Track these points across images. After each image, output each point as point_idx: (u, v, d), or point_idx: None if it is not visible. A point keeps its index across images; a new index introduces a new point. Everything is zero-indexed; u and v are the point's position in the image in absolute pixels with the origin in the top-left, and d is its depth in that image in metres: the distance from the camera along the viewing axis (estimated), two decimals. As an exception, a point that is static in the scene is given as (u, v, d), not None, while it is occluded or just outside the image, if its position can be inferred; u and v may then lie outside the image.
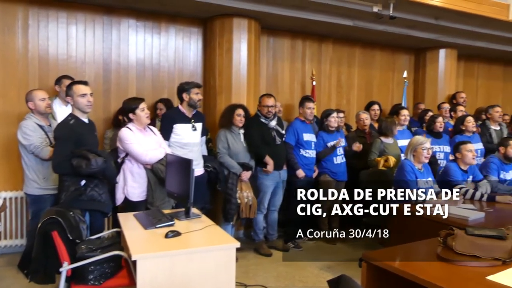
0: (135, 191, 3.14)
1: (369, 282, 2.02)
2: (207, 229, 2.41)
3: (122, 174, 3.16)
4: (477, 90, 7.37)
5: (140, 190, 3.16)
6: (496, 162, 3.97)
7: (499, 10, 5.20)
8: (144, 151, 3.09)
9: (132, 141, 3.09)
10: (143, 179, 3.16)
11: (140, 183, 3.15)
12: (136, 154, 3.09)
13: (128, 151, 3.12)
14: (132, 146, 3.09)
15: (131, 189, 3.13)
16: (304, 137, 4.30)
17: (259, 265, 3.92)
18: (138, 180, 3.15)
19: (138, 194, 3.15)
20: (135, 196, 3.14)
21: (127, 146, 3.10)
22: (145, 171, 3.15)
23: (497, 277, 1.74)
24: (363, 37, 5.75)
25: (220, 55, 4.66)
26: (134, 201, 3.13)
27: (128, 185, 3.13)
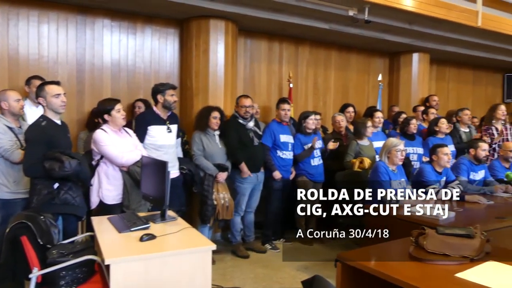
0: (110, 194, 3.08)
1: (344, 282, 2.05)
2: (183, 232, 2.39)
3: (97, 177, 3.10)
4: (448, 93, 7.59)
5: (116, 193, 3.10)
6: (466, 163, 4.10)
7: (468, 17, 5.38)
8: (120, 153, 3.04)
9: (107, 143, 3.04)
10: (119, 182, 3.10)
11: (116, 185, 3.10)
12: (112, 156, 3.03)
13: (103, 153, 3.06)
14: (107, 148, 3.03)
15: (107, 192, 3.08)
16: (281, 138, 4.33)
17: (236, 267, 3.91)
18: (114, 182, 3.10)
19: (113, 197, 3.10)
20: (110, 199, 3.08)
21: (102, 148, 3.04)
22: (121, 173, 3.10)
23: (465, 274, 1.79)
24: (339, 40, 5.83)
25: (196, 56, 4.64)
26: (110, 204, 3.07)
27: (103, 188, 3.07)
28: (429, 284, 1.70)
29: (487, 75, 8.17)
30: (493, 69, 8.18)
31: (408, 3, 4.79)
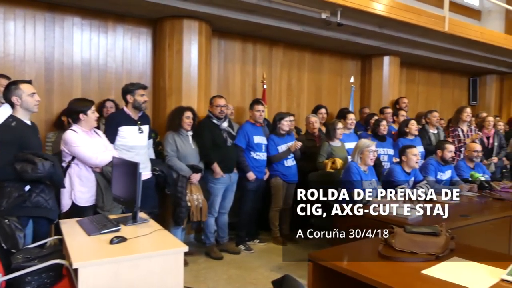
0: (83, 196, 3.03)
1: (315, 281, 2.08)
2: (154, 234, 2.36)
3: (68, 179, 3.02)
4: (418, 95, 7.81)
5: (89, 194, 3.05)
6: (434, 163, 4.23)
7: (436, 22, 5.57)
8: (94, 154, 3.00)
9: (79, 144, 2.98)
10: (92, 183, 3.05)
11: (89, 187, 3.05)
12: (85, 158, 2.98)
13: (76, 154, 3.00)
14: (80, 149, 2.98)
15: (80, 194, 3.02)
16: (255, 139, 4.34)
17: (210, 269, 3.89)
18: (87, 184, 3.04)
19: (86, 199, 3.04)
20: (84, 201, 3.03)
21: (75, 149, 2.98)
22: (94, 174, 3.05)
23: (430, 271, 1.85)
24: (312, 42, 5.90)
25: (170, 56, 4.59)
26: (83, 206, 3.02)
27: (76, 190, 3.01)
28: (396, 281, 1.74)
29: (454, 79, 8.46)
30: (459, 73, 8.47)
31: (378, 7, 4.91)
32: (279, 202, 4.59)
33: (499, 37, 6.88)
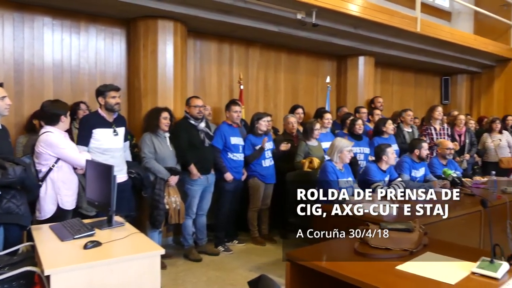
0: (69, 199, 3.02)
1: (293, 280, 2.09)
2: (130, 237, 2.32)
3: (51, 184, 2.96)
4: (392, 95, 7.97)
5: (73, 197, 3.07)
6: (408, 161, 4.31)
7: (409, 23, 5.70)
8: (80, 155, 3.00)
9: (65, 145, 2.96)
10: (75, 185, 3.07)
11: (73, 189, 3.06)
12: (72, 159, 2.97)
13: (62, 156, 2.96)
14: (67, 151, 2.96)
15: (66, 198, 2.99)
16: (232, 140, 4.33)
17: (188, 271, 3.86)
18: (71, 187, 3.04)
19: (71, 202, 3.05)
20: (69, 204, 3.02)
21: (62, 151, 2.95)
22: (77, 176, 3.06)
23: (405, 266, 1.89)
24: (288, 43, 5.94)
25: (144, 57, 4.53)
26: (68, 210, 3.01)
27: (62, 194, 2.98)
28: (371, 277, 1.77)
29: (427, 78, 8.68)
30: (432, 73, 8.69)
31: (353, 8, 4.98)
32: (257, 202, 4.59)
33: (469, 37, 7.11)
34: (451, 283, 1.72)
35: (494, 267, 1.78)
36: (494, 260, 1.82)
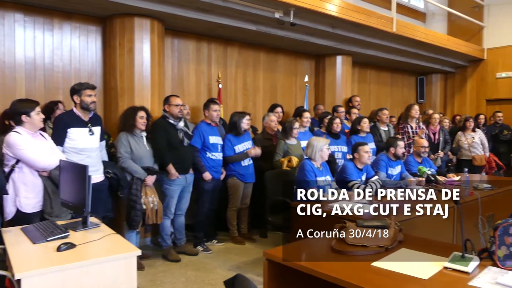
0: (29, 202, 2.86)
1: (271, 278, 2.09)
2: (106, 239, 2.28)
3: (12, 185, 2.85)
4: (369, 94, 8.09)
5: (36, 200, 2.89)
6: (385, 159, 4.39)
7: (385, 23, 5.79)
8: (40, 157, 2.85)
9: (24, 146, 2.82)
10: (39, 188, 2.90)
11: (36, 192, 2.89)
12: (31, 161, 2.83)
13: (20, 157, 2.83)
14: (25, 151, 2.82)
15: (25, 200, 2.85)
16: (210, 139, 4.30)
17: (167, 272, 3.82)
18: (33, 189, 2.88)
19: (33, 205, 2.88)
20: (30, 208, 2.86)
21: (20, 152, 2.82)
22: (41, 179, 2.90)
23: (380, 263, 1.92)
24: (267, 42, 5.95)
25: (121, 55, 4.45)
26: (29, 213, 2.86)
27: (21, 196, 2.84)
28: (348, 274, 1.79)
29: (403, 78, 8.85)
30: (408, 72, 8.87)
31: (331, 8, 5.03)
32: (237, 202, 4.59)
33: (442, 38, 7.28)
34: (424, 278, 1.76)
35: (465, 262, 1.84)
36: (465, 255, 1.87)
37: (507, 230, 1.88)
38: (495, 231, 1.90)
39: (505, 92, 8.24)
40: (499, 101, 8.31)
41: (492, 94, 8.43)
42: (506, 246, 1.86)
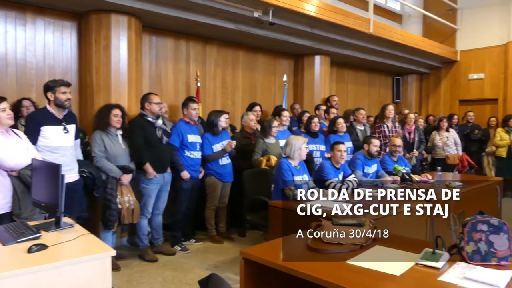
0: None
1: (247, 277, 2.09)
2: (80, 239, 2.23)
3: None
4: (347, 94, 8.20)
5: (4, 201, 2.79)
6: (361, 158, 4.45)
7: (362, 24, 5.88)
8: (9, 155, 2.75)
9: None
10: (7, 188, 2.80)
11: (4, 192, 2.79)
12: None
13: None
14: None
15: None
16: (189, 138, 4.27)
17: (144, 272, 3.78)
18: (1, 190, 2.78)
19: (1, 206, 2.78)
20: None
21: None
22: (10, 179, 2.80)
23: (355, 260, 1.95)
24: (246, 41, 5.95)
25: (97, 52, 4.37)
26: (0, 214, 2.76)
27: None
28: (323, 272, 1.81)
29: (380, 78, 9.00)
30: (384, 73, 9.03)
31: (309, 8, 5.07)
32: (215, 201, 4.57)
33: (418, 39, 7.45)
34: (396, 274, 1.80)
35: (435, 258, 1.89)
36: (436, 251, 1.93)
37: (475, 227, 1.94)
38: (464, 227, 1.96)
39: (476, 93, 8.50)
40: (471, 101, 8.56)
41: (465, 95, 8.68)
42: (474, 242, 1.92)
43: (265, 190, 3.88)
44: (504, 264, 1.89)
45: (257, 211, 3.96)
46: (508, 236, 1.92)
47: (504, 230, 1.92)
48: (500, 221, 1.94)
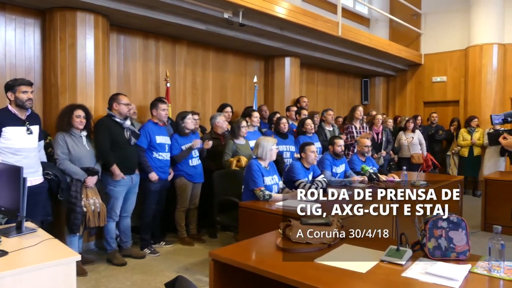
0: None
1: (216, 278, 2.09)
2: (43, 244, 2.16)
3: None
4: (317, 95, 8.32)
5: None
6: (329, 158, 4.53)
7: (331, 27, 5.98)
8: None
9: None
10: None
11: None
12: None
13: None
14: None
15: None
16: (157, 139, 4.21)
17: (112, 277, 3.69)
18: None
19: None
20: None
21: None
22: None
23: (323, 259, 1.99)
24: (216, 41, 5.93)
25: (62, 50, 4.24)
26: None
27: None
28: (291, 271, 1.83)
29: (349, 80, 9.19)
30: (353, 75, 9.22)
31: (279, 10, 5.11)
32: (185, 202, 4.53)
33: (384, 43, 7.65)
34: (362, 271, 1.84)
35: (399, 254, 1.95)
36: (400, 248, 1.99)
37: (436, 223, 2.02)
38: (426, 224, 2.03)
39: (440, 95, 8.83)
40: (435, 103, 8.88)
41: (429, 97, 8.98)
42: (435, 238, 2.00)
43: (236, 191, 3.88)
44: (462, 258, 1.98)
45: (228, 212, 3.96)
46: (466, 232, 2.01)
47: (463, 226, 2.01)
48: (459, 218, 2.03)
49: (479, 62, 7.93)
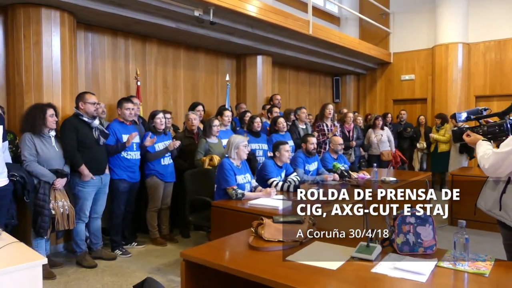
0: None
1: (188, 279, 2.07)
2: (6, 248, 2.08)
3: None
4: (289, 93, 8.38)
5: None
6: (302, 156, 4.58)
7: (302, 25, 6.03)
8: None
9: None
10: None
11: None
12: None
13: None
14: None
15: None
16: (124, 138, 4.11)
17: (81, 279, 3.61)
18: None
19: None
20: None
21: None
22: None
23: (294, 256, 2.01)
24: (187, 40, 5.87)
25: (26, 48, 4.10)
26: None
27: None
28: (262, 270, 1.84)
29: (320, 78, 9.30)
30: (324, 73, 9.34)
31: (249, 8, 5.11)
32: (157, 202, 4.47)
33: (354, 41, 7.78)
34: (333, 268, 1.87)
35: (369, 250, 1.99)
36: (370, 245, 2.03)
37: (405, 219, 2.07)
38: (395, 221, 2.09)
39: (408, 93, 9.07)
40: (404, 101, 9.12)
41: (398, 95, 9.22)
42: (403, 234, 2.06)
43: (208, 190, 3.86)
44: (429, 253, 2.04)
45: (200, 211, 3.94)
46: (433, 227, 2.07)
47: (429, 221, 2.08)
48: (426, 214, 2.09)
49: (445, 61, 8.19)
